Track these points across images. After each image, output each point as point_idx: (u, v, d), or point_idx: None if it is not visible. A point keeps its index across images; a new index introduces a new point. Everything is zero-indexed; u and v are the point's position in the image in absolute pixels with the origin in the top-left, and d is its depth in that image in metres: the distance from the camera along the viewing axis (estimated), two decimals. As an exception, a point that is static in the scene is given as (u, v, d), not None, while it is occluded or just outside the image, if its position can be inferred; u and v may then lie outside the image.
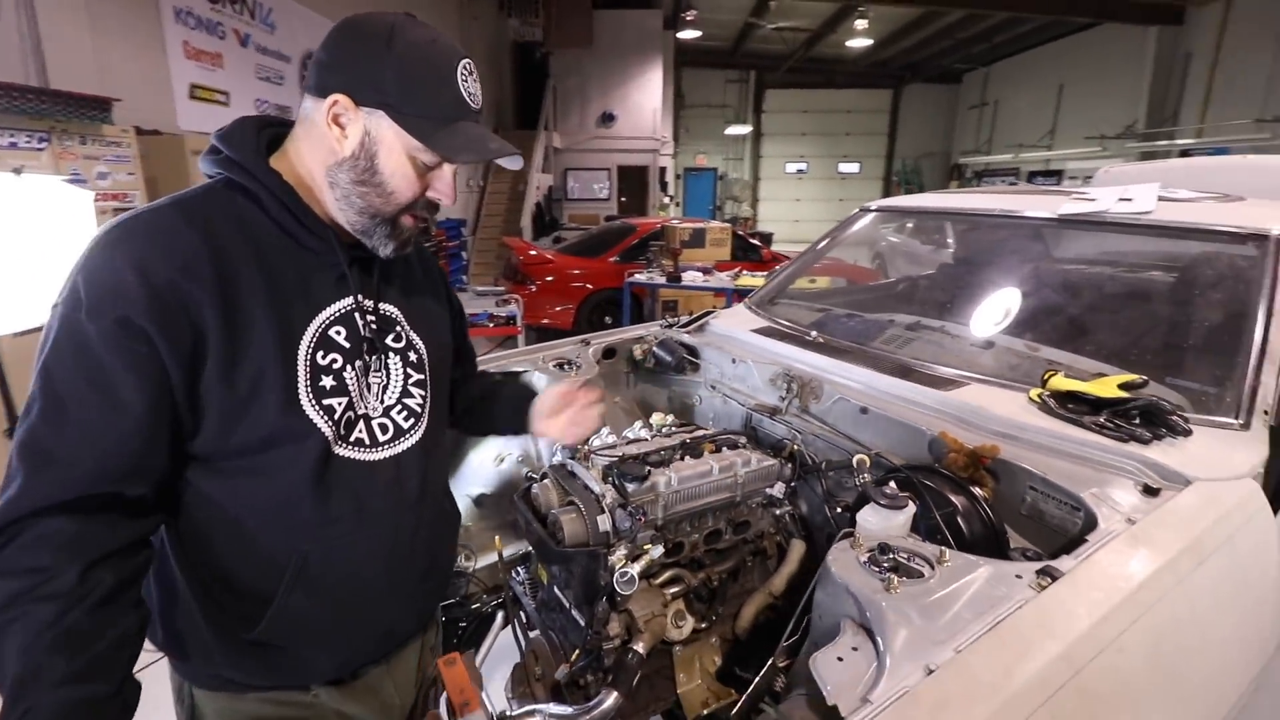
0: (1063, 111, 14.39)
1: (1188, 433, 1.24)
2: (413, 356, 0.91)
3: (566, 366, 1.88)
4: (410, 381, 0.90)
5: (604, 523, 1.24)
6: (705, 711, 1.32)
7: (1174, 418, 1.25)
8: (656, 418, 1.63)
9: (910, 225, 2.87)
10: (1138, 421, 1.26)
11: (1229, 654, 0.98)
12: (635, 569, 1.20)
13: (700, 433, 1.55)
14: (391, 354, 0.88)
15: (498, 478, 1.82)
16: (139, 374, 0.68)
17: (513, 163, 0.87)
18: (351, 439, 0.82)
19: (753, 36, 15.14)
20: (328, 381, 0.79)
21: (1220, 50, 10.45)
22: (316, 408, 0.78)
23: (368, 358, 0.84)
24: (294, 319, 0.78)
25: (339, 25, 0.79)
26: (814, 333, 1.83)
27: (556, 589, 1.36)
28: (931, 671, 0.74)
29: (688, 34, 13.04)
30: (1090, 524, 1.05)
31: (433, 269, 1.03)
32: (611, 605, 1.25)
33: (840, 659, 0.81)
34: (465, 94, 0.79)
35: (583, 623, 1.26)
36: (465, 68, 0.79)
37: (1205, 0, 10.63)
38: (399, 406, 0.88)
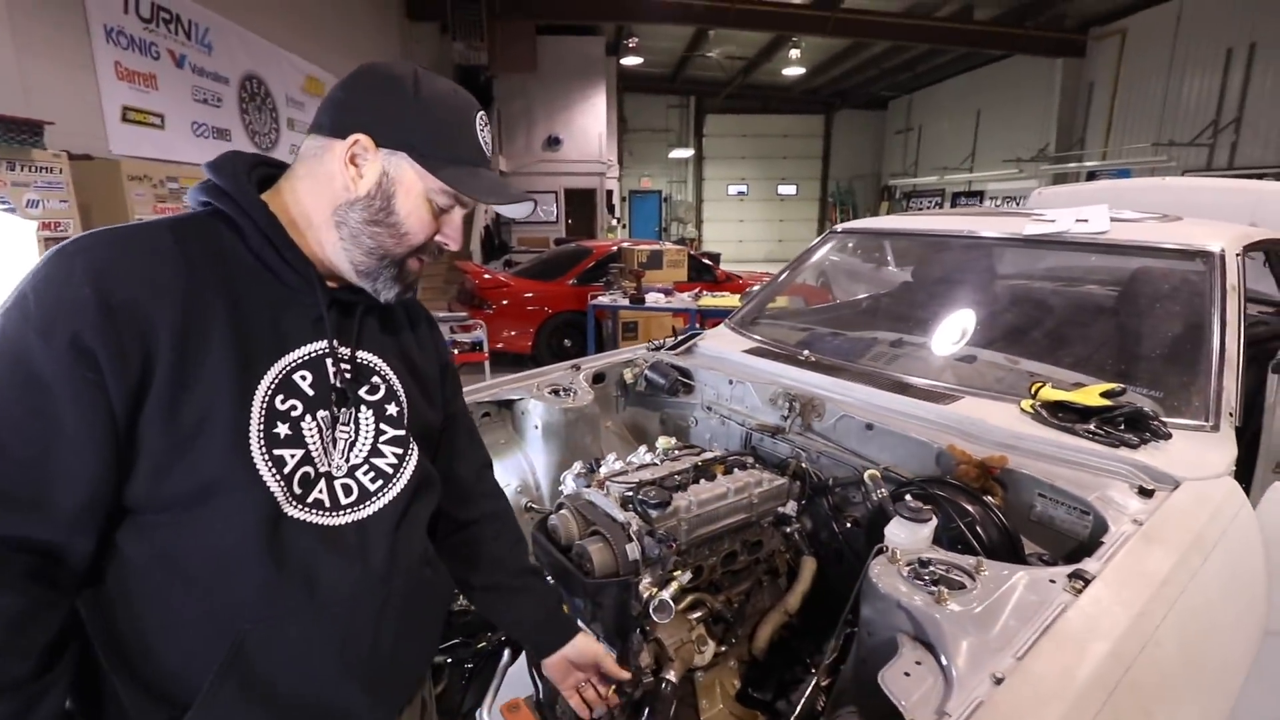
0: (981, 136, 15.40)
1: (1168, 436, 1.33)
2: (390, 410, 0.83)
3: (562, 393, 1.86)
4: (383, 439, 0.81)
5: (633, 551, 1.23)
6: (734, 737, 1.31)
7: (1155, 423, 1.34)
8: (662, 441, 1.63)
9: (851, 245, 2.97)
10: (1124, 427, 1.35)
11: (1235, 641, 1.05)
12: (667, 595, 1.19)
13: (708, 455, 1.57)
14: (364, 407, 0.80)
15: (497, 509, 1.77)
16: (87, 404, 0.61)
17: (523, 209, 0.87)
18: (309, 500, 0.73)
19: (692, 64, 15.59)
20: (283, 430, 0.71)
21: (1118, 80, 11.46)
22: (266, 457, 0.70)
23: (335, 409, 0.77)
24: (257, 356, 0.71)
25: (361, 69, 0.78)
26: (805, 352, 1.88)
27: (580, 622, 1.33)
28: (1000, 680, 0.77)
29: (630, 60, 13.31)
30: (1101, 527, 1.12)
31: (421, 320, 0.96)
32: (642, 635, 1.24)
33: (907, 674, 0.83)
34: (482, 142, 0.81)
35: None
36: (481, 118, 0.81)
37: (1103, 36, 11.66)
38: (365, 466, 0.79)
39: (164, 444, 0.65)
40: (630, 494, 1.32)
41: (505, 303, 6.42)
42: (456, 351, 4.83)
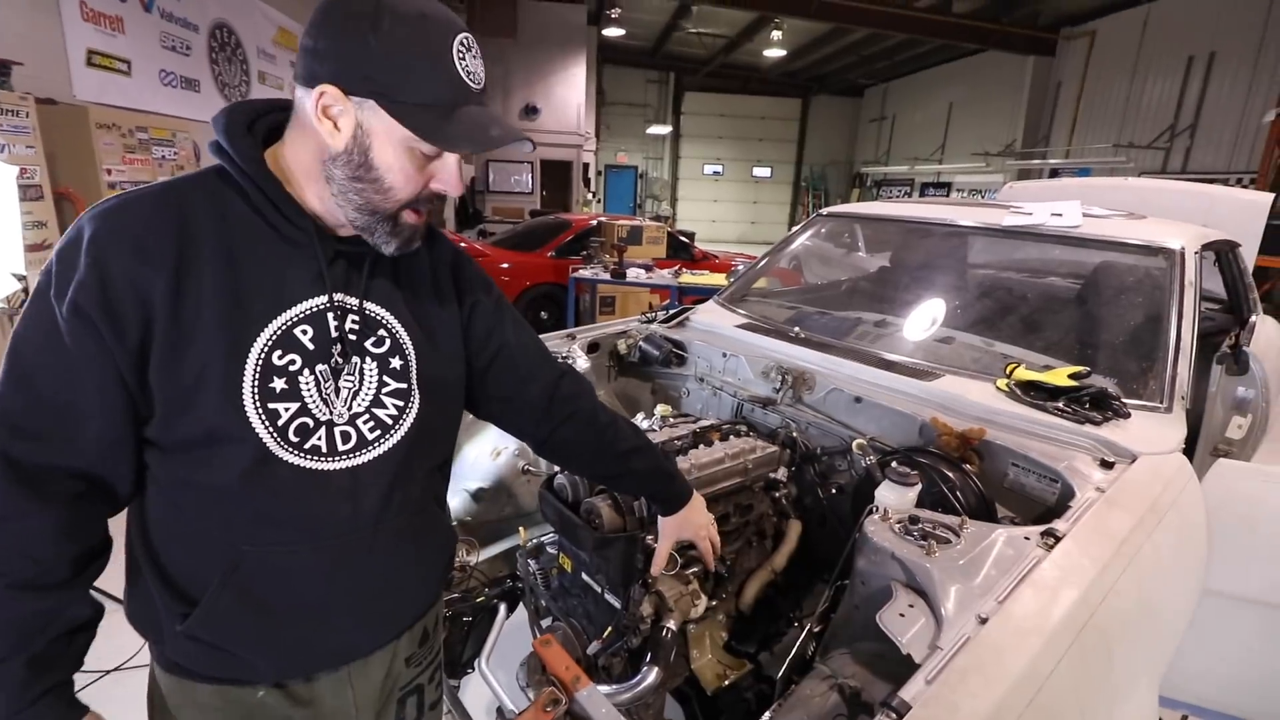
0: (952, 128, 15.66)
1: (1127, 415, 1.46)
2: (394, 363, 0.83)
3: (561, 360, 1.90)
4: (385, 390, 0.82)
5: (639, 508, 1.30)
6: (725, 684, 1.40)
7: (1117, 403, 1.46)
8: (660, 409, 1.70)
9: (832, 229, 3.05)
10: (1089, 406, 1.46)
11: (1180, 595, 1.18)
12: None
13: (704, 423, 1.64)
14: (369, 359, 0.81)
15: (495, 471, 1.83)
16: (93, 361, 0.68)
17: (520, 148, 0.83)
18: (306, 446, 0.77)
19: (673, 39, 15.41)
20: (279, 384, 0.74)
21: (1085, 81, 11.78)
22: (259, 410, 0.73)
23: (339, 360, 0.78)
24: (253, 315, 0.73)
25: (321, 5, 0.72)
26: (796, 329, 1.97)
27: (585, 575, 1.40)
28: (985, 620, 0.87)
29: (612, 31, 13.10)
30: (1068, 493, 1.23)
31: (445, 264, 0.93)
32: (644, 587, 1.31)
33: (902, 615, 0.92)
34: (464, 74, 0.72)
35: (618, 605, 1.32)
36: (462, 43, 0.72)
37: (1073, 36, 11.94)
38: (366, 415, 0.81)
39: (168, 395, 0.71)
40: (635, 456, 1.38)
41: (481, 273, 6.37)
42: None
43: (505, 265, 6.49)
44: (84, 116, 3.56)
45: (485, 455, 1.82)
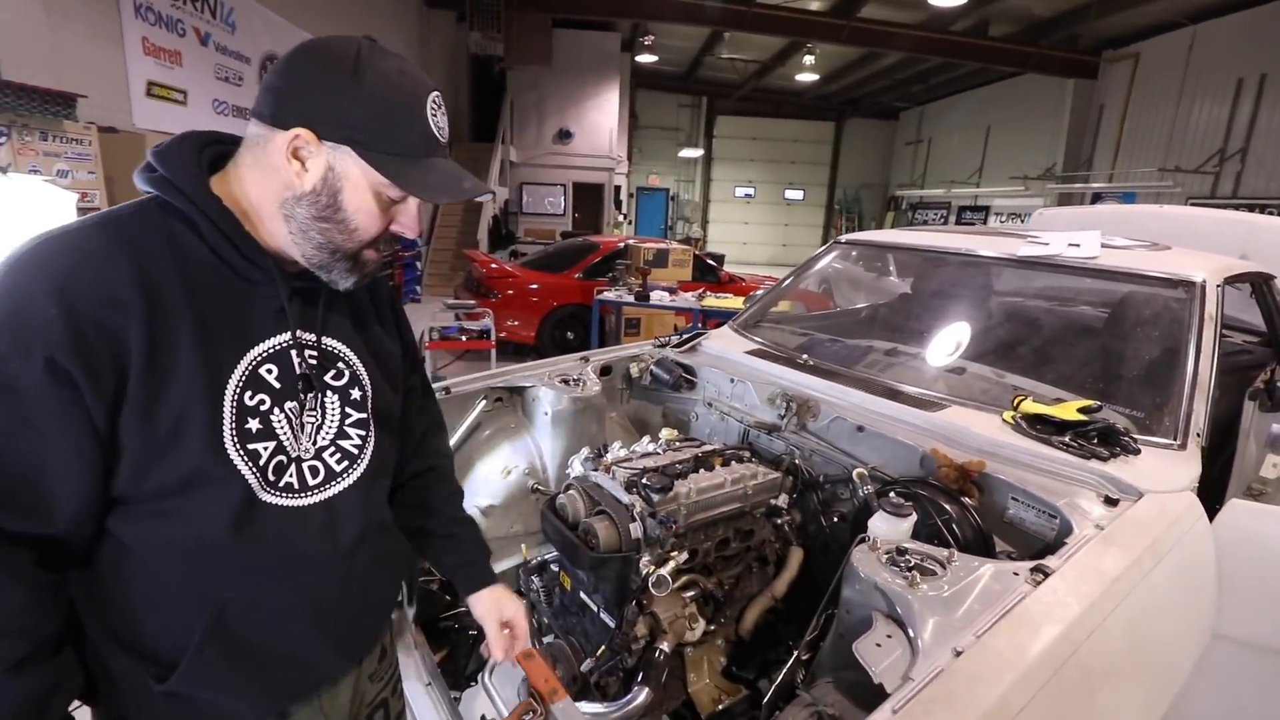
0: (990, 151, 15.48)
1: (1137, 451, 1.43)
2: (355, 394, 0.86)
3: (571, 383, 1.96)
4: (348, 421, 0.85)
5: (635, 530, 1.33)
6: (720, 708, 1.41)
7: (1126, 438, 1.44)
8: (665, 433, 1.73)
9: (853, 255, 3.05)
10: (1096, 441, 1.44)
11: (1180, 638, 1.16)
12: (665, 571, 1.29)
13: (708, 448, 1.66)
14: (330, 392, 0.83)
15: (504, 489, 1.88)
16: (69, 418, 0.65)
17: (483, 198, 0.85)
18: (281, 484, 0.78)
19: (706, 64, 15.64)
20: (254, 425, 0.74)
21: (1129, 104, 11.55)
22: (241, 453, 0.73)
23: (303, 396, 0.80)
24: (223, 356, 0.73)
25: (299, 50, 0.73)
26: (804, 356, 1.98)
27: (583, 594, 1.43)
28: (960, 653, 0.87)
29: (644, 58, 13.39)
30: (1066, 530, 1.22)
31: (383, 298, 0.97)
32: (639, 607, 1.34)
33: (879, 645, 0.93)
34: (435, 129, 0.76)
35: (612, 624, 1.34)
36: (435, 101, 0.76)
37: (1116, 59, 11.74)
38: (332, 448, 0.83)
39: (142, 445, 0.68)
40: (635, 479, 1.42)
41: (511, 293, 6.51)
42: (464, 338, 4.93)
43: (534, 286, 6.63)
44: (141, 143, 3.81)
45: (496, 473, 1.88)
